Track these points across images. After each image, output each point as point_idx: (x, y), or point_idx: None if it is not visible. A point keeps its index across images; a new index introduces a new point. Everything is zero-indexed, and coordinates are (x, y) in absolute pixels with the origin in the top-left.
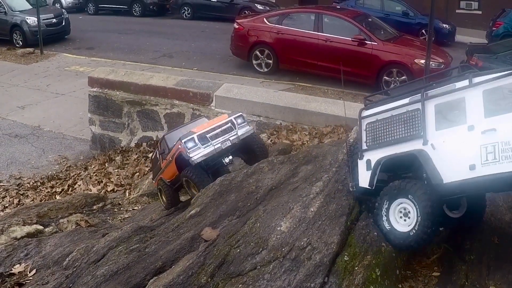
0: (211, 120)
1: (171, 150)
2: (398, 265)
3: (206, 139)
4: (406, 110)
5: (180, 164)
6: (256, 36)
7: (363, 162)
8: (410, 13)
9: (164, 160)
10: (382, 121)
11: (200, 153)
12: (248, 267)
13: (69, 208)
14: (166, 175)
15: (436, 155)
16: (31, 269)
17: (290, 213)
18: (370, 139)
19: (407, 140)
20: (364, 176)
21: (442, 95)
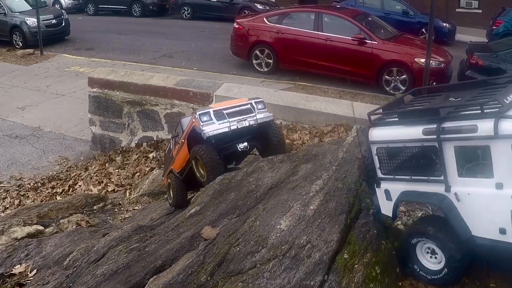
0: (230, 101)
1: (185, 131)
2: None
3: (222, 116)
4: (421, 145)
5: (192, 142)
6: (256, 36)
7: (381, 190)
8: (410, 12)
9: (177, 144)
10: (395, 150)
11: (213, 128)
12: (248, 266)
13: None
14: (177, 163)
15: (462, 207)
16: (31, 269)
17: (290, 211)
18: (385, 168)
19: (427, 181)
20: (385, 205)
21: (462, 135)
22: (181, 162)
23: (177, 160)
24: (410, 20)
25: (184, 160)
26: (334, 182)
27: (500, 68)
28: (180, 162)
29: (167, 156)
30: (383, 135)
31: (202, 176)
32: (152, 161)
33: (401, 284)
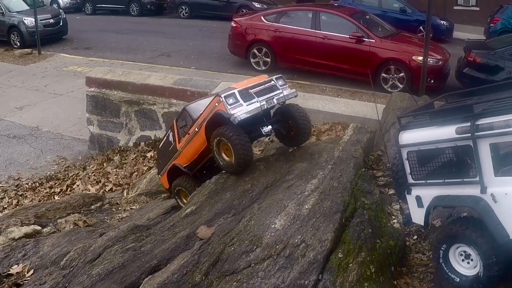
0: (247, 79)
1: (200, 117)
2: (393, 262)
3: (249, 95)
4: (454, 145)
5: (213, 127)
6: (254, 35)
7: (412, 197)
8: (407, 10)
9: (186, 134)
10: (427, 152)
11: (243, 110)
12: (242, 265)
13: (67, 208)
14: (185, 157)
15: (499, 208)
16: (29, 269)
17: (285, 211)
18: (416, 173)
19: (461, 184)
20: (416, 213)
21: (499, 130)
22: (192, 154)
23: (185, 152)
24: (408, 18)
25: (197, 150)
26: (330, 181)
27: (498, 65)
28: (191, 154)
29: (165, 151)
30: (414, 137)
31: (227, 163)
32: (150, 160)
33: (396, 283)
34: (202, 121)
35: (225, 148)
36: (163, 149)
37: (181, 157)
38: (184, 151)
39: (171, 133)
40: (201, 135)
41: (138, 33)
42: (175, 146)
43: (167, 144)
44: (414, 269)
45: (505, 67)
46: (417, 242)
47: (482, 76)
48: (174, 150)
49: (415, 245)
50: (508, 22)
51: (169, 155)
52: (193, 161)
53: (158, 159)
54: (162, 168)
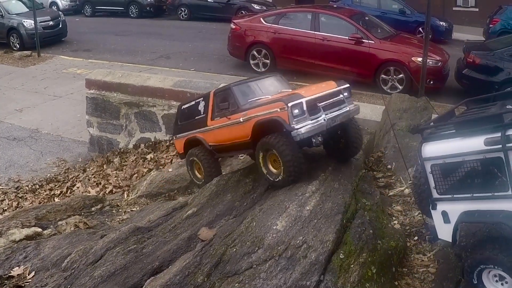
0: (313, 84)
1: (250, 110)
2: (394, 263)
3: (315, 109)
4: (483, 157)
5: (263, 130)
6: (253, 36)
7: (438, 212)
8: (407, 11)
9: (225, 118)
10: (453, 165)
11: (307, 126)
12: (244, 266)
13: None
14: (217, 137)
15: None
16: (30, 271)
17: (286, 212)
18: (441, 187)
19: (491, 198)
20: (443, 229)
21: None
22: (224, 140)
23: (216, 134)
24: (407, 19)
25: (232, 140)
26: (330, 183)
27: (498, 66)
28: (223, 139)
29: (189, 116)
30: (438, 150)
31: (273, 174)
32: (150, 162)
33: (397, 283)
34: (253, 117)
35: (273, 159)
36: (187, 112)
37: (210, 135)
38: (215, 131)
39: (203, 103)
40: (245, 129)
41: (137, 35)
42: (205, 119)
43: (195, 111)
44: (415, 269)
45: (504, 68)
46: (417, 243)
47: (481, 77)
48: (203, 123)
49: (416, 246)
50: (507, 23)
51: (194, 124)
52: (223, 146)
53: (177, 120)
54: (179, 132)
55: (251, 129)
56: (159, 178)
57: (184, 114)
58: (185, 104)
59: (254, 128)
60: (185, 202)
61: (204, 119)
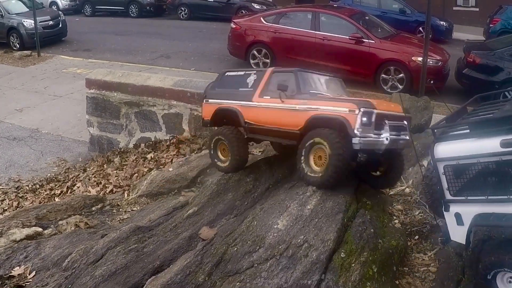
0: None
1: (312, 101)
2: (395, 262)
3: (382, 125)
4: (499, 159)
5: (317, 126)
6: (253, 36)
7: (451, 214)
8: (407, 10)
9: (279, 99)
10: (467, 166)
11: (369, 139)
12: (245, 265)
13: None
14: (254, 115)
15: None
16: (30, 271)
17: (287, 211)
18: (454, 188)
19: (507, 201)
20: (456, 231)
21: None
22: (270, 121)
23: (260, 113)
24: (407, 19)
25: (278, 125)
26: None
27: (498, 66)
28: (269, 120)
29: (231, 83)
30: (451, 150)
31: (313, 172)
32: (150, 161)
33: (398, 282)
34: (313, 108)
35: (319, 155)
36: (230, 81)
37: (251, 111)
38: (260, 110)
39: (254, 76)
40: (297, 118)
41: (137, 34)
42: (251, 94)
43: (241, 82)
44: (416, 269)
45: (504, 67)
46: (418, 242)
47: (481, 76)
48: (247, 97)
49: (417, 245)
50: (508, 23)
51: (236, 95)
52: (262, 128)
53: (215, 85)
54: (213, 98)
55: (305, 121)
56: (160, 178)
57: (226, 81)
58: (231, 71)
59: (309, 121)
60: (185, 201)
61: (250, 93)
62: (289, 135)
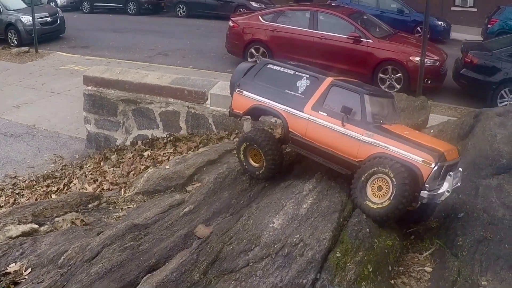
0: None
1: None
2: (390, 261)
3: (445, 176)
4: None
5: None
6: (251, 34)
7: None
8: (405, 10)
9: (337, 120)
10: None
11: (434, 192)
12: (240, 264)
13: (65, 206)
14: (305, 130)
15: None
16: (26, 268)
17: (283, 210)
18: None
19: None
20: None
21: None
22: (323, 141)
23: (314, 128)
24: (405, 19)
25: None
26: (327, 181)
27: (495, 66)
28: (322, 140)
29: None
30: None
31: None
32: (147, 159)
33: (394, 282)
34: (380, 146)
35: (379, 185)
36: (274, 75)
37: (299, 123)
38: (311, 125)
39: (306, 81)
40: (358, 150)
41: (135, 32)
42: (301, 102)
43: (289, 82)
44: (411, 268)
45: (502, 68)
46: (414, 242)
47: (479, 77)
48: (296, 104)
49: (412, 245)
50: (506, 23)
51: (281, 96)
52: (311, 146)
53: (254, 75)
54: (251, 91)
55: (369, 155)
56: (156, 175)
57: (267, 74)
58: (275, 64)
59: (374, 157)
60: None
61: (301, 101)
62: (345, 163)
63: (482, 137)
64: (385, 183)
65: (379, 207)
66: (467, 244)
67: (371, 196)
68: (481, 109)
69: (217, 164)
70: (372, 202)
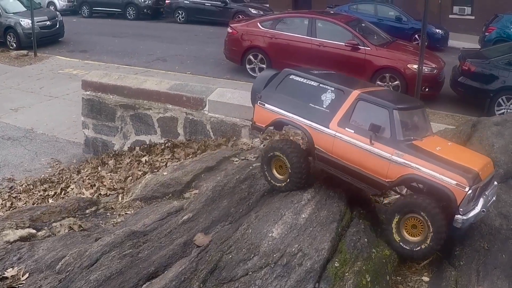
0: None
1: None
2: (388, 271)
3: (480, 196)
4: None
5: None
6: (250, 41)
7: None
8: (403, 18)
9: (365, 138)
10: None
11: (469, 216)
12: (240, 273)
13: (62, 211)
14: (331, 147)
15: None
16: (24, 273)
17: (282, 220)
18: None
19: None
20: None
21: None
22: (351, 160)
23: (341, 146)
24: (403, 26)
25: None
26: (326, 190)
27: (493, 74)
28: (350, 158)
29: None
30: None
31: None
32: (144, 165)
33: None
34: (411, 166)
35: (412, 224)
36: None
37: (325, 140)
38: (337, 142)
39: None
40: (388, 169)
41: (134, 37)
42: (326, 117)
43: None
44: (409, 278)
45: (499, 76)
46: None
47: (476, 85)
48: (320, 119)
49: None
50: (503, 31)
51: (304, 108)
52: (338, 163)
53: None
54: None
55: (399, 176)
56: (154, 182)
57: (289, 85)
58: (297, 75)
59: (404, 178)
60: (180, 206)
61: (326, 116)
62: (374, 183)
63: (479, 146)
64: (419, 223)
65: (417, 249)
66: (464, 253)
67: (405, 233)
68: (479, 118)
69: (215, 171)
70: (407, 242)
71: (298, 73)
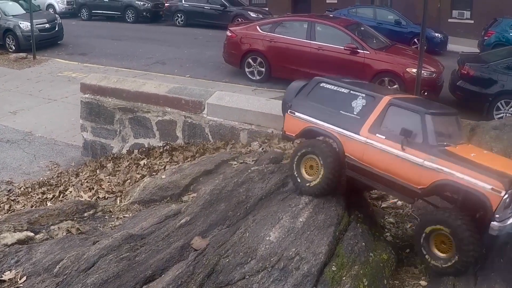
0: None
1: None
2: (386, 275)
3: None
4: None
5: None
6: (249, 44)
7: None
8: (402, 22)
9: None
10: None
11: (506, 223)
12: (237, 277)
13: (60, 215)
14: (361, 154)
15: None
16: (21, 276)
17: (279, 223)
18: None
19: None
20: None
21: None
22: (382, 166)
23: (371, 152)
24: (402, 30)
25: (395, 174)
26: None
27: (492, 78)
28: (381, 165)
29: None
30: None
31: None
32: (143, 168)
33: None
34: (444, 172)
35: (441, 240)
36: (327, 95)
37: (355, 147)
38: (368, 149)
39: (362, 101)
40: (420, 175)
41: (133, 40)
42: (357, 124)
43: (343, 101)
44: (406, 282)
45: (498, 80)
46: (409, 255)
47: (475, 89)
48: (351, 126)
49: (408, 258)
50: (502, 36)
51: (334, 116)
52: (369, 172)
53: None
54: (302, 110)
55: (431, 182)
56: (152, 185)
57: (320, 93)
58: (328, 83)
59: (437, 184)
60: (178, 209)
61: (357, 123)
62: (406, 191)
63: None
64: (447, 238)
65: (448, 265)
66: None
67: (436, 250)
68: (477, 122)
69: (213, 175)
70: (437, 259)
71: (329, 80)
